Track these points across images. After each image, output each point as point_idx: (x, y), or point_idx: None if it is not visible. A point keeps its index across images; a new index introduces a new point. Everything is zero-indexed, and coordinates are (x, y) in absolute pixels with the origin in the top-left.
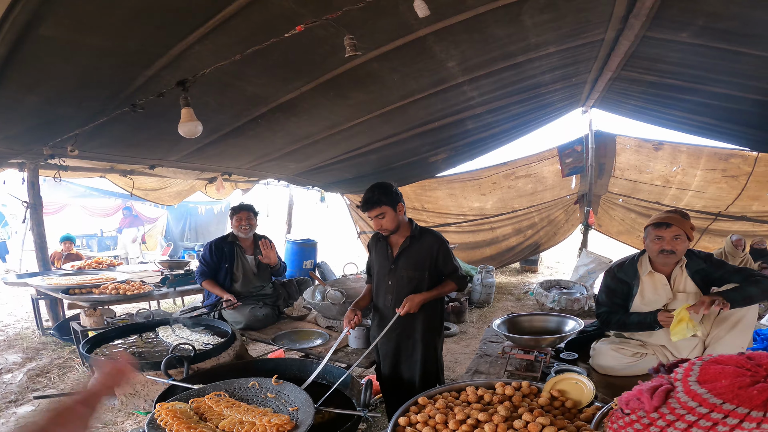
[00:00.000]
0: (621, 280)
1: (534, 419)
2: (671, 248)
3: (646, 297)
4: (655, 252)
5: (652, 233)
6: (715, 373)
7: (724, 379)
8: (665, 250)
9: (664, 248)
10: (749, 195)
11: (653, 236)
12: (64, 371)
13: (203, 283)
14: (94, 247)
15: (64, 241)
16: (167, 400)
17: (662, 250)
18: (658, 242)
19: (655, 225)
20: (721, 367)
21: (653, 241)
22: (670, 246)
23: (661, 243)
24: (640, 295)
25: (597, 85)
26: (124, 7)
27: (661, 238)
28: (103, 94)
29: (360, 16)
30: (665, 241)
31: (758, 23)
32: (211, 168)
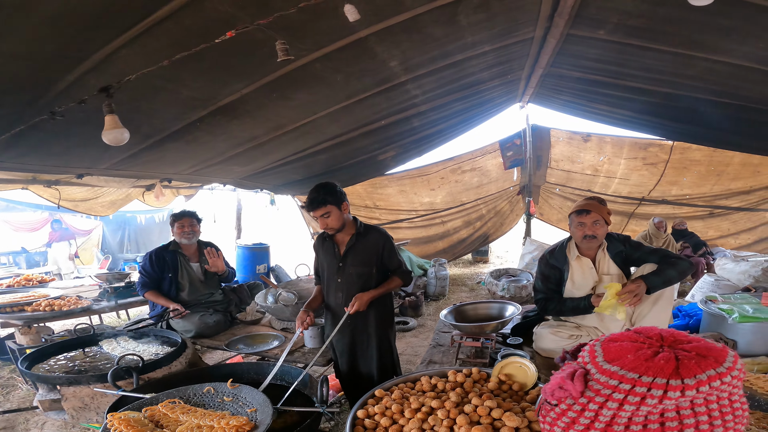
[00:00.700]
0: (553, 266)
1: (482, 403)
2: (592, 233)
3: (576, 280)
4: (579, 237)
5: (575, 220)
6: (617, 350)
7: (629, 353)
8: (587, 235)
9: (586, 233)
10: (668, 180)
11: (576, 223)
12: (7, 390)
13: (146, 294)
14: (22, 264)
15: None
16: (119, 411)
17: (585, 235)
18: (581, 228)
19: (576, 212)
20: (619, 344)
21: (576, 227)
22: (591, 231)
23: (583, 229)
24: (571, 279)
25: (531, 81)
26: (40, 12)
27: (583, 224)
28: (21, 100)
29: (298, 18)
30: (587, 226)
31: (663, 20)
32: (148, 175)
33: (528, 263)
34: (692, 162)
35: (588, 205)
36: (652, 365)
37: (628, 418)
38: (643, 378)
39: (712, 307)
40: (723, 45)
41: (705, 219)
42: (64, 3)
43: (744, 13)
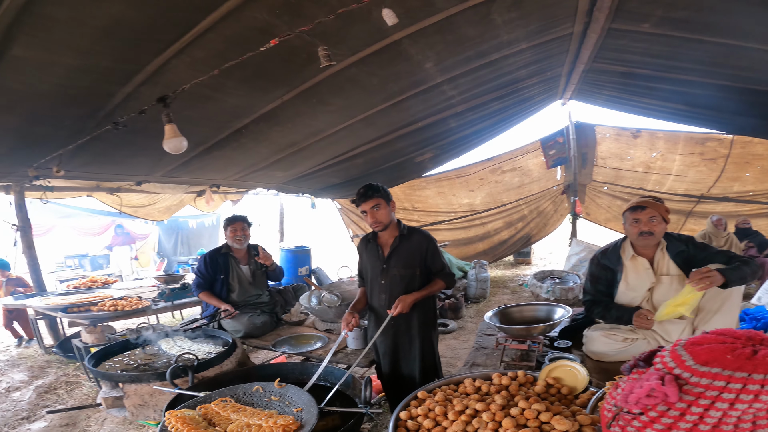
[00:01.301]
0: (605, 266)
1: (530, 406)
2: (649, 229)
3: (630, 282)
4: (634, 235)
5: (630, 217)
6: (709, 353)
7: (726, 354)
8: (644, 231)
9: (642, 230)
10: (729, 176)
11: (631, 220)
12: (71, 387)
13: (200, 295)
14: (87, 266)
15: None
16: (175, 408)
17: (641, 232)
18: (636, 225)
19: (631, 209)
20: (707, 346)
21: (631, 224)
22: (648, 227)
23: (639, 225)
24: (625, 281)
25: (572, 77)
26: (92, 26)
27: (639, 220)
28: (82, 113)
29: (333, 24)
30: (642, 223)
31: (710, 11)
32: (198, 181)
33: (574, 265)
34: (755, 156)
35: (643, 201)
36: (758, 363)
37: (737, 417)
38: (754, 376)
39: None
40: None
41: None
42: (114, 16)
43: None
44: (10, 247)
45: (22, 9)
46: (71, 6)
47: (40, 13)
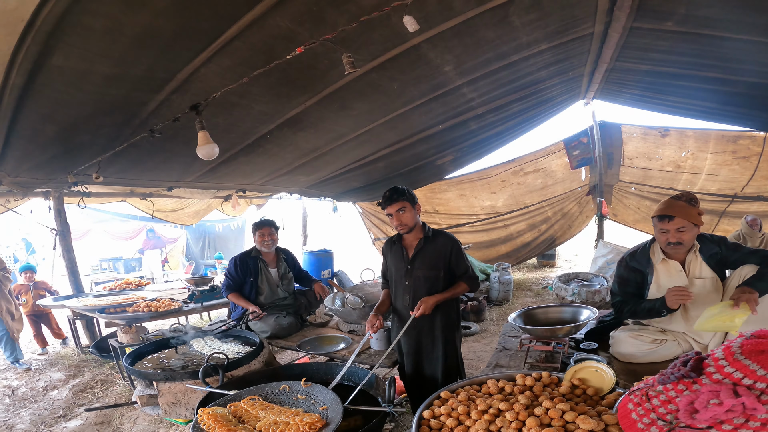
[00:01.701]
0: (633, 268)
1: (554, 405)
2: (677, 240)
3: (662, 284)
4: (662, 243)
5: (657, 225)
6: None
7: None
8: (671, 242)
9: (670, 241)
10: (763, 175)
11: (658, 228)
12: (106, 386)
13: (229, 296)
14: (120, 269)
15: (24, 271)
16: (207, 406)
17: (669, 242)
18: (664, 235)
19: (658, 217)
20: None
21: (659, 233)
22: (676, 238)
23: (667, 236)
24: (656, 283)
25: (594, 77)
26: (126, 35)
27: (666, 231)
28: (118, 120)
29: (354, 31)
30: (670, 233)
31: (734, 8)
32: (225, 186)
33: (601, 267)
34: None
35: (671, 209)
36: None
37: None
38: None
39: None
40: None
41: None
42: (146, 26)
43: None
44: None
45: (61, 19)
46: (106, 16)
47: (77, 23)
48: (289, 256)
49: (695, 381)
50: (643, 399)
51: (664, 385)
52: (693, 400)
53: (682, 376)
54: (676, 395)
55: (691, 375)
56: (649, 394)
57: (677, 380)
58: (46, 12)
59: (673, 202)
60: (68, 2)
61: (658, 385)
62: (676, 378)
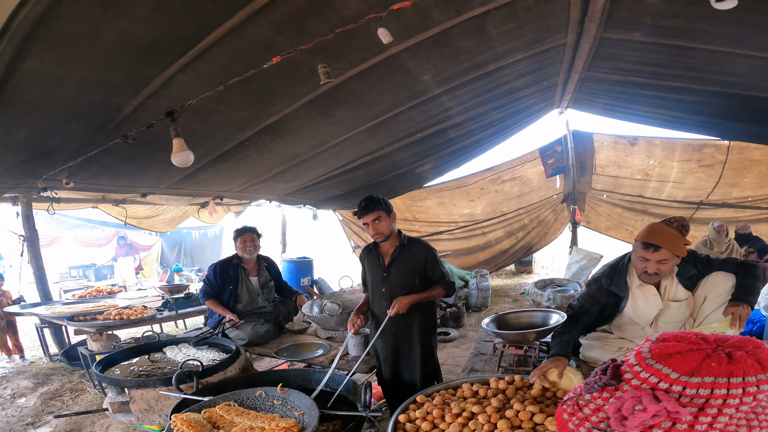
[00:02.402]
0: (610, 292)
1: (524, 408)
2: (655, 271)
3: (638, 307)
4: (639, 270)
5: (639, 251)
6: (688, 362)
7: (712, 362)
8: (648, 272)
9: (647, 271)
10: (727, 182)
11: (639, 255)
12: (76, 394)
13: (206, 303)
14: (91, 276)
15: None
16: (181, 412)
17: (645, 271)
18: (643, 263)
19: (643, 244)
20: (680, 355)
21: (638, 259)
22: (654, 269)
23: (645, 264)
24: (632, 306)
25: (567, 86)
26: (103, 41)
27: (647, 260)
28: (92, 125)
29: (333, 39)
30: (650, 263)
31: (699, 18)
32: (202, 193)
33: (575, 273)
34: (752, 162)
35: (659, 237)
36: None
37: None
38: (732, 380)
39: None
40: (765, 41)
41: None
42: (124, 32)
43: None
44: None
45: (37, 23)
46: (84, 21)
47: (55, 28)
48: (271, 265)
49: (617, 388)
50: (576, 409)
51: (591, 393)
52: (619, 406)
53: (604, 385)
54: (603, 403)
55: (611, 383)
56: (579, 403)
57: (601, 389)
58: (22, 16)
59: (663, 229)
60: (46, 7)
61: (585, 394)
62: (600, 387)
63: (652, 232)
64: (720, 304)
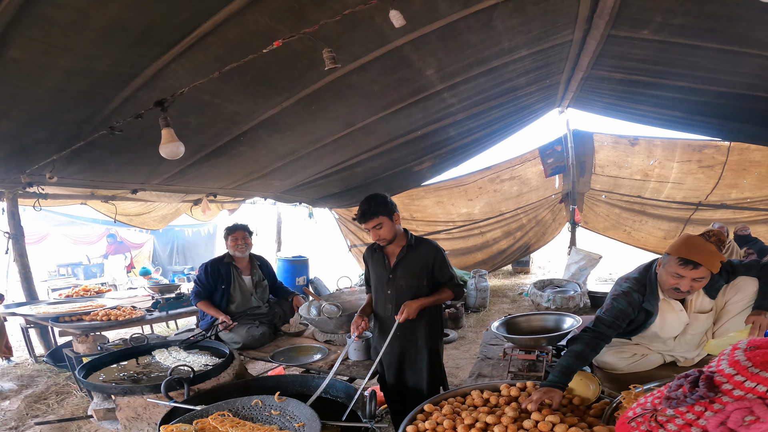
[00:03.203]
0: (644, 309)
1: (543, 418)
2: (688, 289)
3: (666, 321)
4: (667, 285)
5: (673, 266)
6: None
7: None
8: (680, 290)
9: (680, 288)
10: (726, 183)
11: (672, 270)
12: (61, 397)
13: (198, 304)
14: (80, 275)
15: None
16: (171, 422)
17: (677, 288)
18: (675, 279)
19: (680, 260)
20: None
21: (670, 274)
22: (687, 287)
23: (678, 281)
24: (661, 320)
25: (570, 85)
26: (92, 28)
27: (681, 277)
28: (78, 117)
29: (336, 29)
30: (684, 281)
31: (710, 17)
32: (195, 190)
33: (574, 273)
34: (752, 163)
35: (700, 255)
36: None
37: None
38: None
39: None
40: None
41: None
42: (113, 19)
43: None
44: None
45: (20, 10)
46: (71, 7)
47: (39, 15)
48: (264, 264)
49: (713, 401)
50: (653, 425)
51: (676, 408)
52: (723, 419)
53: (699, 398)
54: (695, 417)
55: (709, 395)
56: (658, 419)
57: (694, 402)
58: (5, 3)
59: (700, 245)
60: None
61: (666, 409)
62: (693, 400)
63: (691, 248)
64: (741, 309)
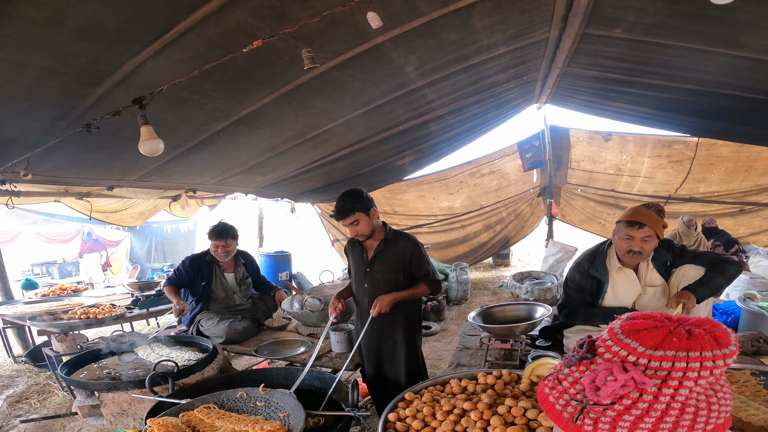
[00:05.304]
0: (592, 276)
1: (516, 404)
2: (639, 249)
3: (618, 293)
4: (622, 250)
5: (623, 231)
6: (654, 337)
7: (674, 337)
8: (633, 251)
9: (632, 249)
10: (695, 178)
11: (623, 234)
12: (43, 396)
13: (165, 288)
14: (56, 274)
15: None
16: (157, 416)
17: (630, 250)
18: (627, 242)
19: (627, 223)
20: (647, 332)
21: (623, 239)
22: (639, 247)
23: (630, 243)
24: (612, 292)
25: (547, 81)
26: (68, 26)
27: (631, 238)
28: (53, 114)
29: (317, 27)
30: (634, 241)
31: (680, 16)
32: (174, 186)
33: (551, 265)
34: (719, 158)
35: (642, 215)
36: (694, 342)
37: (690, 392)
38: (690, 354)
39: (751, 305)
40: (741, 40)
41: (735, 216)
42: (90, 17)
43: (763, 8)
44: None
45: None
46: (47, 6)
47: (15, 13)
48: (248, 260)
49: (592, 362)
50: (556, 383)
51: (569, 367)
52: (594, 378)
53: (581, 358)
54: (579, 376)
55: (587, 356)
56: (559, 377)
57: (578, 362)
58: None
59: (643, 210)
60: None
61: (564, 368)
62: (577, 360)
63: (635, 212)
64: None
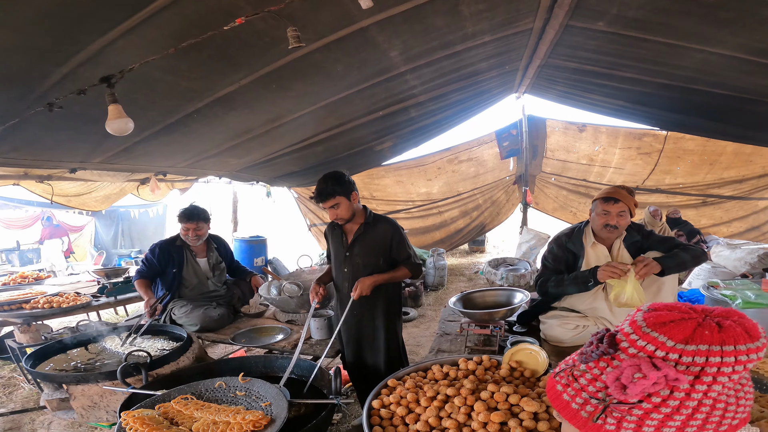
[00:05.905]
0: (569, 249)
1: (499, 389)
2: (615, 223)
3: (591, 265)
4: (599, 226)
5: (600, 207)
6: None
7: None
8: (609, 224)
9: (609, 223)
10: (661, 170)
11: (600, 210)
12: (9, 390)
13: (136, 282)
14: (15, 261)
15: None
16: (132, 409)
17: (606, 224)
18: (604, 217)
19: (603, 199)
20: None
21: (599, 214)
22: (615, 221)
23: (607, 218)
24: (586, 265)
25: (528, 72)
26: (31, 4)
27: (608, 213)
28: (13, 94)
29: (301, 7)
30: (611, 216)
31: (662, 11)
32: (142, 168)
33: (525, 252)
34: (686, 151)
35: (617, 193)
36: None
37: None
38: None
39: (715, 293)
40: (718, 36)
41: (698, 207)
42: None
43: (744, 6)
44: None
45: None
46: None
47: None
48: (221, 245)
49: (614, 357)
50: (570, 380)
51: (587, 363)
52: (618, 375)
53: (602, 354)
54: (600, 372)
55: (609, 351)
56: (574, 374)
57: (598, 358)
58: None
59: (617, 189)
60: None
61: (580, 364)
62: (597, 356)
63: (611, 190)
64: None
